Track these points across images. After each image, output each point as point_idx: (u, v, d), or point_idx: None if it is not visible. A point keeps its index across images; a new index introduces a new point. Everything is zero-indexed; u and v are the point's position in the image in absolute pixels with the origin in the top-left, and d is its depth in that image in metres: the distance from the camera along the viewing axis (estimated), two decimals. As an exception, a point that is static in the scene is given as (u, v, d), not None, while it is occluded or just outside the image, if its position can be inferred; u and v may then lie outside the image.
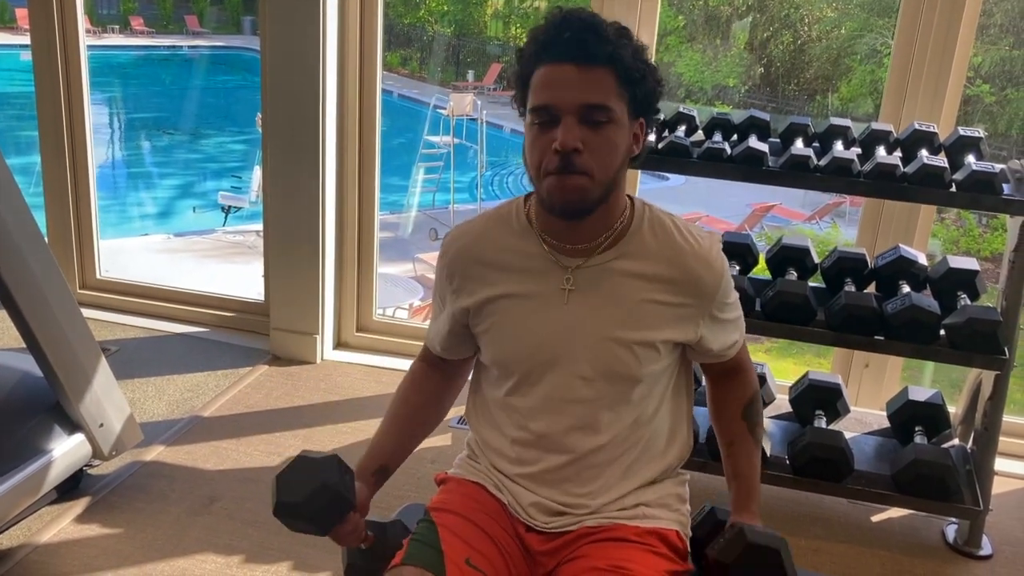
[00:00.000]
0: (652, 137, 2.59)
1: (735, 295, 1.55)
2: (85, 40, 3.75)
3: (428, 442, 3.00)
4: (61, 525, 2.47)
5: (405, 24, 14.06)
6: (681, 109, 2.77)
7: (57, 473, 2.46)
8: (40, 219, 2.63)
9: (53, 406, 2.49)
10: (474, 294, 1.51)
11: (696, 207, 8.66)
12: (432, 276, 1.64)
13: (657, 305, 1.45)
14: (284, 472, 1.46)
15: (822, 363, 5.16)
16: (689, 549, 1.57)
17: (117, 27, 16.36)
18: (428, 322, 1.69)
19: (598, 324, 1.45)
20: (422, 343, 1.68)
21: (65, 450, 2.47)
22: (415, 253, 8.13)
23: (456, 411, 3.16)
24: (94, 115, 3.93)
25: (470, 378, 1.67)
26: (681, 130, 2.71)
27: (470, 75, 13.56)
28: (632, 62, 1.37)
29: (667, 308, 1.45)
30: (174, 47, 17.05)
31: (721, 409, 1.62)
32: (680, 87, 9.52)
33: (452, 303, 1.55)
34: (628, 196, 1.49)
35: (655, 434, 1.54)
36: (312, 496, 1.43)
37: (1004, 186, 2.45)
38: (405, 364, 3.48)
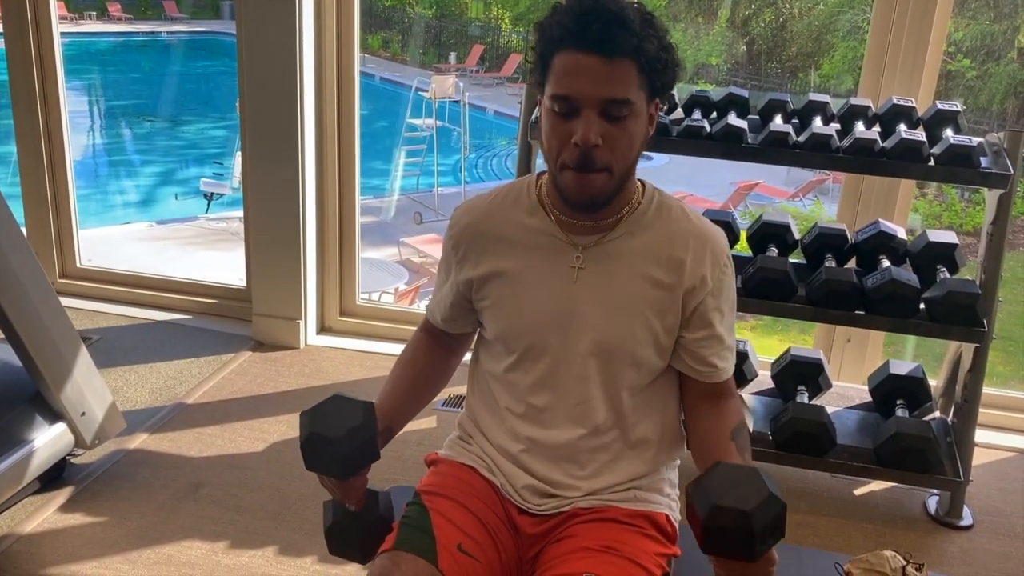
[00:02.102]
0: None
1: (733, 310, 1.53)
2: (59, 26, 3.71)
3: (413, 425, 3.01)
4: (45, 515, 2.46)
5: (385, 6, 13.97)
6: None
7: (39, 463, 2.45)
8: (18, 209, 2.61)
9: (34, 396, 2.48)
10: (479, 266, 1.51)
11: (680, 186, 8.66)
12: (417, 260, 1.64)
13: (662, 286, 1.46)
14: (320, 406, 1.41)
15: (806, 339, 5.18)
16: (678, 533, 1.57)
17: (94, 13, 16.17)
18: (430, 295, 1.69)
19: (604, 302, 1.46)
20: (405, 326, 1.68)
21: (47, 440, 2.46)
22: (400, 237, 8.11)
23: (443, 394, 3.16)
24: (73, 103, 3.90)
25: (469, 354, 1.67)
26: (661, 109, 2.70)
27: (452, 57, 13.49)
28: (656, 52, 1.36)
29: (670, 289, 1.46)
30: (153, 33, 16.87)
31: (707, 432, 1.49)
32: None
33: (456, 273, 1.55)
34: (639, 180, 1.50)
35: (652, 426, 1.54)
36: (351, 434, 1.39)
37: (982, 159, 2.46)
38: (389, 348, 3.50)
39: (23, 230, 2.64)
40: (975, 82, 7.39)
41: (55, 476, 2.59)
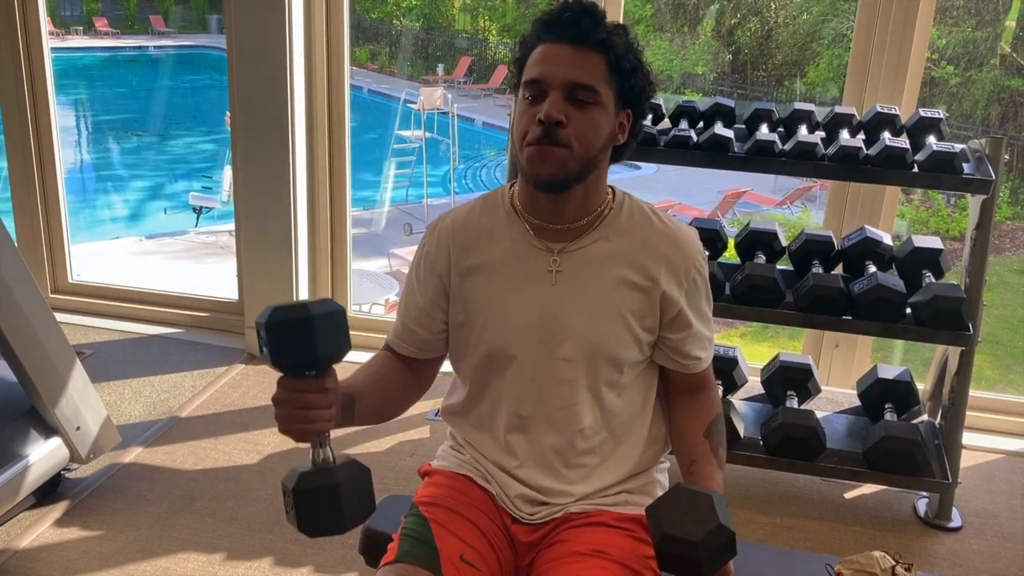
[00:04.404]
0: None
1: (710, 303, 1.57)
2: (48, 42, 3.72)
3: (406, 435, 3.03)
4: (40, 530, 2.46)
5: (372, 18, 14.02)
6: (647, 98, 2.80)
7: (35, 478, 2.45)
8: (9, 224, 2.62)
9: (28, 411, 2.48)
10: (458, 274, 1.52)
11: (668, 195, 8.72)
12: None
13: (639, 288, 1.48)
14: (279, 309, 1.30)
15: (796, 345, 5.22)
16: None
17: (81, 29, 16.16)
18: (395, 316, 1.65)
19: (584, 306, 1.47)
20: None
21: (42, 454, 2.46)
22: (390, 249, 8.12)
23: (434, 403, 3.18)
24: (61, 118, 3.90)
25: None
26: (648, 119, 2.73)
27: (440, 69, 13.54)
28: (624, 52, 1.42)
29: (647, 291, 1.48)
30: (140, 48, 16.87)
31: (684, 427, 1.56)
32: (649, 76, 9.55)
33: (433, 276, 1.54)
34: (610, 187, 1.54)
35: (637, 425, 1.56)
36: (322, 306, 1.28)
37: (965, 165, 2.50)
38: (382, 359, 3.51)
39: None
40: (958, 88, 7.46)
41: (50, 491, 2.59)
